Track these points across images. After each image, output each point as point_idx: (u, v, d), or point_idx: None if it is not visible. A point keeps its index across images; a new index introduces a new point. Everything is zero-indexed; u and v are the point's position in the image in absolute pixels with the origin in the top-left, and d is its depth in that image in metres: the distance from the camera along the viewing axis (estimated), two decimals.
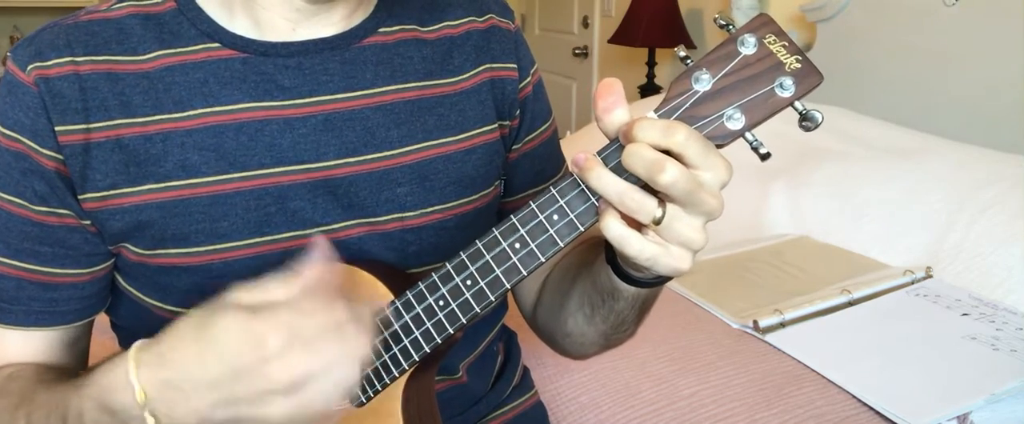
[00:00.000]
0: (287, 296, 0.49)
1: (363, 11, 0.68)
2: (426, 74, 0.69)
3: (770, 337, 1.17)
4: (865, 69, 1.96)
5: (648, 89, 2.71)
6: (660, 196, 0.49)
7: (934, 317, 1.21)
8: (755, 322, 1.19)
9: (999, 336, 1.14)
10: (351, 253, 0.66)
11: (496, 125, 0.72)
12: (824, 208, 1.59)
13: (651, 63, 2.71)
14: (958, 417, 1.00)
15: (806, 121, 0.50)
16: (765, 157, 0.51)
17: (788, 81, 0.50)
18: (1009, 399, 1.03)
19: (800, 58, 0.50)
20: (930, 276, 1.35)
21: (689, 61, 0.52)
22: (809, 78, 0.50)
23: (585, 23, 3.25)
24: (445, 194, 0.69)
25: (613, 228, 0.50)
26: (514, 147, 0.75)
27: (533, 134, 0.76)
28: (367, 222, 0.66)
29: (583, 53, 3.27)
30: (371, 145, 0.66)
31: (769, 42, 0.50)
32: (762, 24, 0.51)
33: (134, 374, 0.51)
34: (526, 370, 0.91)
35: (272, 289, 0.50)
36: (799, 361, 1.11)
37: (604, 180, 0.49)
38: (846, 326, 1.21)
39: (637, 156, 0.47)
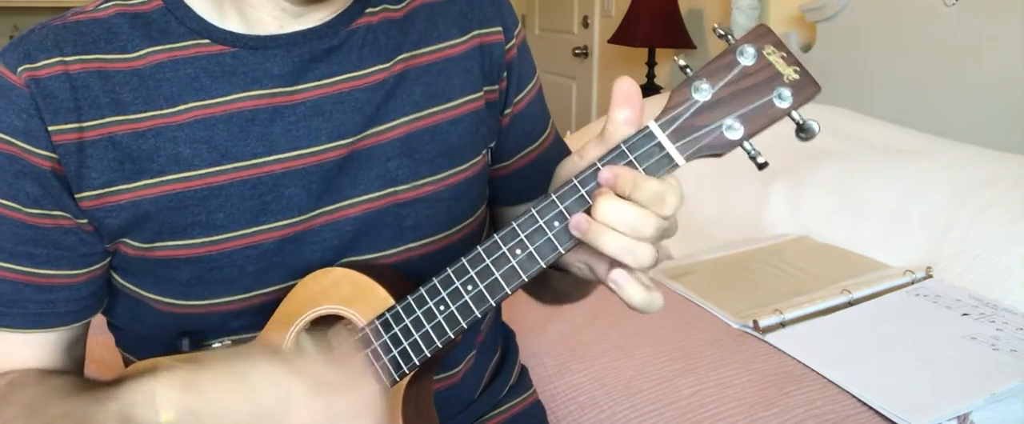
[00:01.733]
0: (316, 351, 0.55)
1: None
2: (412, 45, 0.69)
3: (770, 337, 1.17)
4: (865, 69, 1.96)
5: (648, 89, 2.71)
6: None
7: (934, 317, 1.21)
8: (755, 322, 1.19)
9: (999, 336, 1.14)
10: (350, 234, 0.67)
11: (482, 92, 0.72)
12: (824, 208, 1.59)
13: (651, 63, 2.71)
14: (958, 417, 1.00)
15: (803, 132, 0.51)
16: (763, 166, 0.52)
17: (786, 92, 0.50)
18: (1009, 399, 1.03)
19: (798, 69, 0.51)
20: (930, 276, 1.35)
21: (689, 70, 0.52)
22: (807, 89, 0.51)
23: (585, 23, 3.25)
24: (435, 165, 0.69)
25: (618, 278, 0.53)
26: (505, 112, 0.75)
27: (521, 94, 0.76)
28: (362, 200, 0.67)
29: (583, 53, 3.27)
30: (361, 125, 0.66)
31: (768, 53, 0.51)
32: (761, 35, 0.52)
33: (163, 397, 0.53)
34: (524, 369, 0.91)
35: (302, 352, 0.55)
36: (799, 361, 1.11)
37: (609, 239, 0.51)
38: (846, 326, 1.21)
39: (610, 243, 0.51)
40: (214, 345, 0.67)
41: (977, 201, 1.39)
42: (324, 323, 0.65)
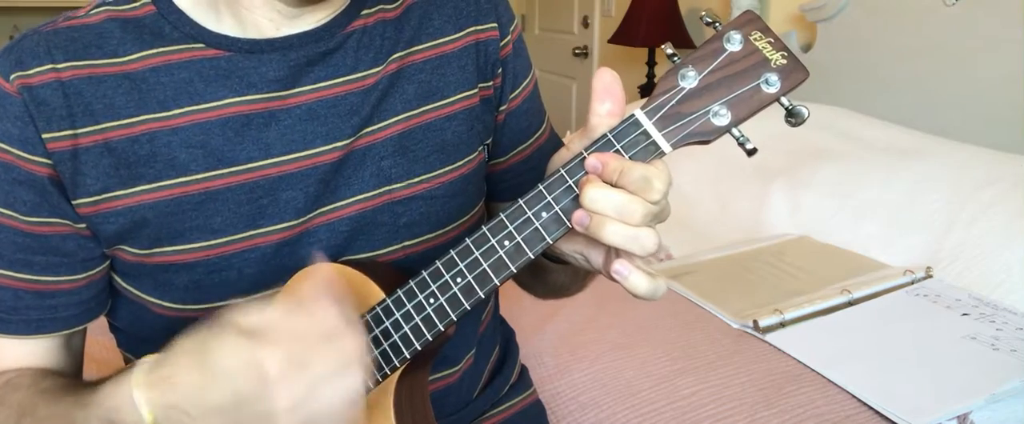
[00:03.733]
0: (282, 312, 0.50)
1: (343, 1, 0.68)
2: (407, 43, 0.69)
3: (770, 337, 1.17)
4: (865, 69, 1.96)
5: (648, 89, 2.71)
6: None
7: (934, 317, 1.21)
8: (755, 322, 1.19)
9: (999, 336, 1.14)
10: (346, 234, 0.67)
11: (476, 89, 0.72)
12: (824, 208, 1.59)
13: (651, 63, 2.71)
14: (958, 417, 1.00)
15: (792, 117, 0.51)
16: (751, 152, 0.52)
17: (774, 77, 0.50)
18: (1009, 399, 1.03)
19: (785, 54, 0.51)
20: (930, 276, 1.35)
21: (676, 58, 0.52)
22: (794, 74, 0.51)
23: (585, 23, 3.25)
24: (429, 163, 0.69)
25: (621, 269, 0.53)
26: (500, 109, 0.75)
27: (517, 91, 0.76)
28: (357, 200, 0.67)
29: (583, 53, 3.27)
30: (355, 126, 0.66)
31: (755, 39, 0.51)
32: (747, 21, 0.52)
33: (141, 398, 0.52)
34: (524, 369, 0.91)
35: (266, 309, 0.50)
36: (799, 361, 1.11)
37: (611, 230, 0.50)
38: (846, 326, 1.21)
39: (613, 234, 0.50)
40: None
41: (977, 201, 1.39)
42: None
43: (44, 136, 0.60)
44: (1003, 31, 1.62)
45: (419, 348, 0.59)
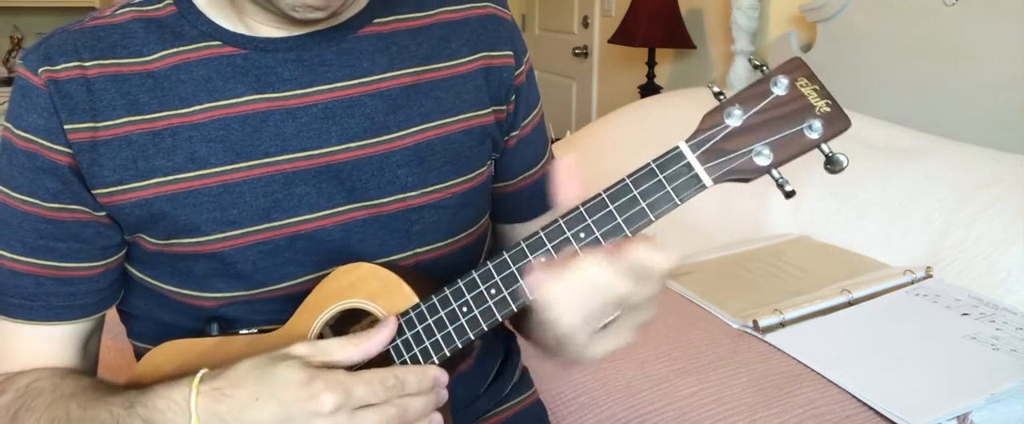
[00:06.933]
0: (346, 359, 0.57)
1: (356, 6, 0.69)
2: (424, 59, 0.71)
3: (770, 337, 1.17)
4: (865, 69, 1.96)
5: (648, 89, 2.71)
6: None
7: (934, 317, 1.21)
8: (755, 322, 1.20)
9: (999, 336, 1.14)
10: (359, 236, 0.68)
11: (490, 110, 0.74)
12: (824, 208, 1.59)
13: (651, 63, 2.71)
14: (958, 417, 1.00)
15: (830, 164, 0.52)
16: (790, 195, 0.53)
17: (817, 123, 0.51)
18: (1009, 399, 1.03)
19: (830, 102, 0.52)
20: (930, 276, 1.35)
21: (723, 97, 0.53)
22: (838, 122, 0.52)
23: (585, 23, 3.25)
24: (443, 174, 0.71)
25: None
26: (511, 134, 0.77)
27: (528, 119, 0.79)
28: (371, 204, 0.68)
29: (583, 53, 3.27)
30: (370, 130, 0.68)
31: (801, 85, 0.52)
32: (795, 67, 0.53)
33: (194, 402, 0.55)
34: (525, 369, 0.92)
35: (334, 350, 0.57)
36: (799, 361, 1.12)
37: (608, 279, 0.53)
38: (846, 326, 1.21)
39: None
40: (241, 332, 0.68)
41: (977, 201, 1.39)
42: (349, 316, 0.66)
43: (66, 127, 0.63)
44: (1003, 31, 1.62)
45: (448, 354, 0.60)
